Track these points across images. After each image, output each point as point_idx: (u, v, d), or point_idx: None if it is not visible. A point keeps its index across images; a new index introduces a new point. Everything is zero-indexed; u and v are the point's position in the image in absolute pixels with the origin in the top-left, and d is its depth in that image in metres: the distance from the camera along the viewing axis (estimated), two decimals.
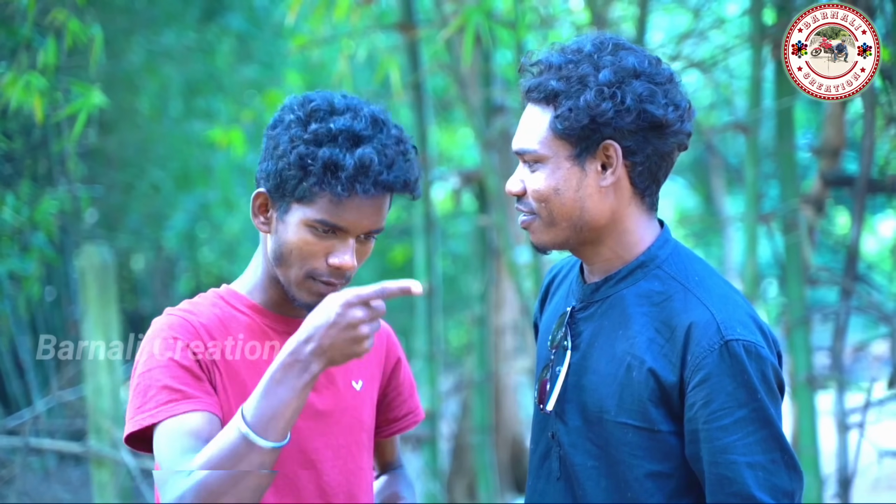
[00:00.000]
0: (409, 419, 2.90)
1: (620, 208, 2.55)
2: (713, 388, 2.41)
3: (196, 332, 2.55)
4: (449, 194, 9.12)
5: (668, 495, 2.48)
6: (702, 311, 2.46)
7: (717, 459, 2.41)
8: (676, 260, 2.57)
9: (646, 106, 2.48)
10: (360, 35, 6.32)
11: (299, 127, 2.51)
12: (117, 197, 10.47)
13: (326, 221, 2.50)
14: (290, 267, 2.54)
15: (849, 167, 5.99)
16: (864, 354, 5.87)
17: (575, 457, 2.55)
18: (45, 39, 5.20)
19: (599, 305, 2.58)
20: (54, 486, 7.82)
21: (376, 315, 2.31)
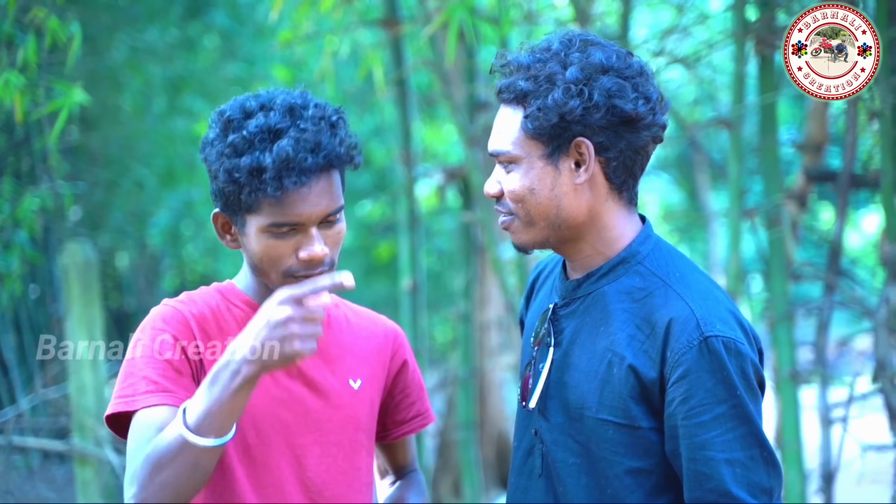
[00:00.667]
0: (417, 421, 2.89)
1: (597, 205, 2.55)
2: (692, 384, 2.41)
3: (187, 324, 2.57)
4: (433, 191, 9.13)
5: (648, 492, 2.49)
6: (682, 307, 2.46)
7: (695, 456, 2.41)
8: (658, 256, 2.57)
9: (615, 101, 2.49)
10: (343, 31, 6.30)
11: (221, 142, 2.51)
12: (101, 194, 10.43)
13: (277, 223, 2.50)
14: (268, 274, 2.55)
15: (832, 162, 6.00)
16: (848, 349, 5.88)
17: (556, 453, 2.56)
18: (26, 37, 5.18)
19: (581, 302, 2.59)
20: (38, 485, 7.79)
21: (309, 314, 2.28)
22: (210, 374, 2.33)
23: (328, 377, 2.68)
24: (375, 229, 12.36)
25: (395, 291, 8.71)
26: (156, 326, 2.56)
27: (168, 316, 2.58)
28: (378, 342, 2.81)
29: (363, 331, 2.80)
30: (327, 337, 2.70)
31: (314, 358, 2.66)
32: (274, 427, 2.60)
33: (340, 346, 2.72)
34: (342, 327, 2.76)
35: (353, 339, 2.76)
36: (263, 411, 2.59)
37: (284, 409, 2.62)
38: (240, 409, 2.33)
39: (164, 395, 2.48)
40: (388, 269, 12.42)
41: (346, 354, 2.73)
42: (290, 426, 2.62)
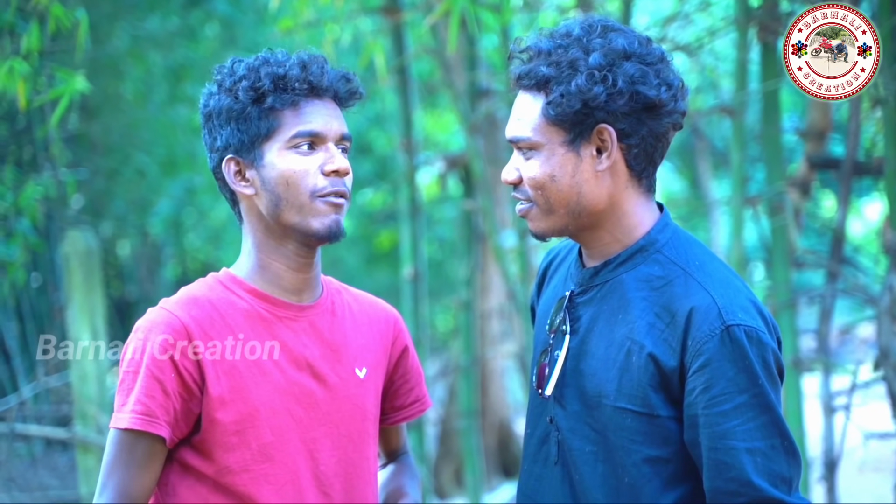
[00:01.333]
0: (415, 407, 2.88)
1: (618, 192, 2.54)
2: (714, 373, 2.40)
3: (185, 334, 2.53)
4: (434, 179, 9.13)
5: (666, 480, 2.48)
6: (703, 296, 2.45)
7: (716, 445, 2.40)
8: (676, 244, 2.56)
9: (638, 87, 2.47)
10: (344, 19, 6.29)
11: (229, 81, 2.58)
12: (102, 183, 10.43)
13: (302, 132, 2.54)
14: (295, 199, 2.54)
15: (835, 150, 5.99)
16: (850, 337, 5.89)
17: (573, 441, 2.54)
18: (29, 25, 5.17)
19: (599, 290, 2.57)
20: (41, 472, 7.80)
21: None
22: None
23: (335, 367, 2.66)
24: (377, 217, 12.36)
25: (396, 280, 8.71)
26: (152, 340, 2.52)
27: (168, 327, 2.54)
28: (380, 328, 2.79)
29: (365, 317, 2.77)
30: (332, 325, 2.68)
31: (321, 347, 2.65)
32: (287, 423, 2.58)
33: (345, 335, 2.70)
34: (345, 315, 2.73)
35: (356, 326, 2.74)
36: (277, 407, 2.57)
37: (295, 403, 2.59)
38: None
39: (147, 420, 2.50)
40: (389, 258, 12.43)
41: (351, 343, 2.71)
42: (303, 421, 2.60)
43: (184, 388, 2.52)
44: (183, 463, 2.57)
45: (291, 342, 2.61)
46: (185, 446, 2.57)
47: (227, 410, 2.53)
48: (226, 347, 2.56)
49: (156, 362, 2.51)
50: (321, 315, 2.67)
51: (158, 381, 2.50)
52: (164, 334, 2.52)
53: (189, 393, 2.52)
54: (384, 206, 11.99)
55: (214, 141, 2.59)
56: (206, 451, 2.55)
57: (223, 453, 2.54)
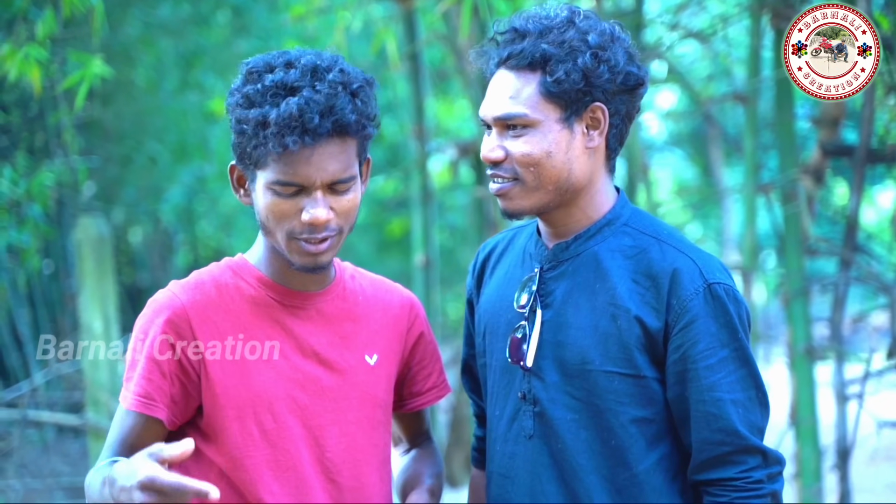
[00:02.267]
0: (433, 393, 2.87)
1: (596, 170, 2.61)
2: (699, 329, 2.50)
3: (187, 321, 2.55)
4: (446, 166, 9.12)
5: (650, 440, 2.56)
6: (683, 259, 2.54)
7: (703, 397, 2.51)
8: (640, 217, 2.65)
9: (629, 68, 2.56)
10: (356, 5, 6.28)
11: (238, 92, 2.52)
12: (114, 170, 10.45)
13: (280, 181, 2.47)
14: (274, 232, 2.54)
15: (848, 137, 5.97)
16: (864, 325, 5.87)
17: (554, 411, 2.58)
18: (41, 11, 5.18)
19: (570, 263, 2.62)
20: (53, 459, 7.83)
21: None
22: None
23: (343, 354, 2.65)
24: (388, 205, 12.36)
25: (407, 267, 8.71)
26: (157, 321, 2.55)
27: (170, 310, 2.55)
28: (394, 313, 2.78)
29: (379, 302, 2.76)
30: (342, 311, 2.68)
31: (328, 335, 2.65)
32: (291, 409, 2.58)
33: (355, 321, 2.70)
34: (357, 300, 2.72)
35: (368, 311, 2.73)
36: (279, 394, 2.57)
37: (300, 391, 2.60)
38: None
39: (145, 403, 2.53)
40: (400, 245, 12.43)
41: (362, 329, 2.70)
42: (307, 408, 2.60)
43: (181, 372, 2.54)
44: (195, 447, 2.57)
45: (297, 329, 2.62)
46: (193, 429, 2.59)
47: (227, 396, 2.55)
48: (226, 333, 2.57)
49: (156, 345, 2.53)
50: (330, 301, 2.67)
51: (157, 364, 2.53)
52: (166, 317, 2.54)
53: (186, 376, 2.55)
54: (396, 194, 11.98)
55: (231, 136, 2.57)
56: (211, 436, 2.57)
57: (225, 437, 2.56)
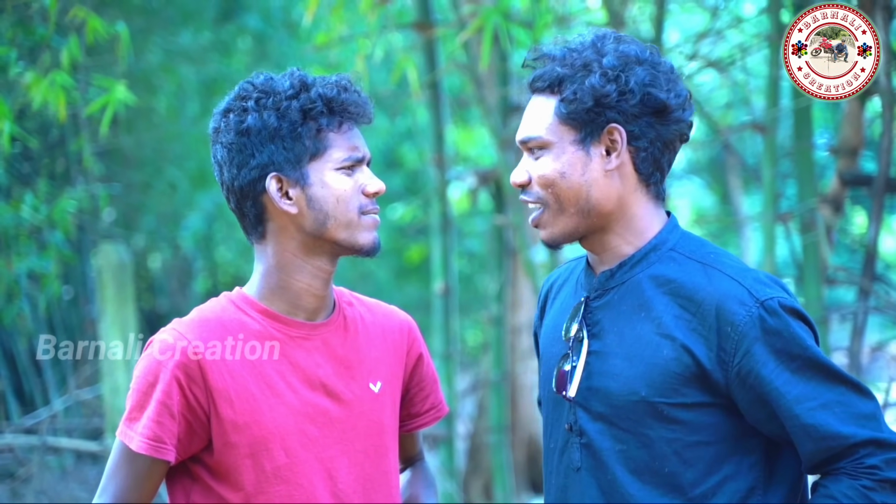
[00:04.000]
0: (431, 414, 2.88)
1: (626, 194, 2.59)
2: (764, 349, 2.46)
3: (196, 359, 2.55)
4: (465, 193, 9.13)
5: (709, 462, 2.52)
6: (728, 283, 2.51)
7: (794, 412, 2.46)
8: (688, 242, 2.62)
9: (649, 90, 2.54)
10: (377, 34, 6.32)
11: (271, 100, 2.59)
12: (134, 196, 10.48)
13: (352, 157, 2.59)
14: (344, 216, 2.59)
15: (867, 166, 5.97)
16: (882, 354, 5.84)
17: (602, 443, 2.56)
18: (64, 39, 5.22)
19: (616, 291, 2.61)
20: (71, 485, 7.83)
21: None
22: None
23: (349, 384, 2.66)
24: (407, 232, 12.36)
25: (426, 294, 8.73)
26: (165, 362, 2.55)
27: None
28: (394, 338, 2.80)
29: (378, 328, 2.78)
30: (345, 341, 2.69)
31: (334, 365, 2.65)
32: (302, 444, 2.60)
33: (358, 350, 2.71)
34: (358, 328, 2.74)
35: (369, 339, 2.74)
36: (290, 429, 2.58)
37: (310, 424, 2.61)
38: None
39: (154, 446, 2.54)
40: (419, 272, 12.43)
41: (365, 357, 2.71)
42: (318, 440, 2.61)
43: (190, 413, 2.55)
44: (205, 485, 2.60)
45: (304, 362, 2.63)
46: (201, 466, 2.59)
47: (240, 434, 2.55)
48: (234, 370, 2.57)
49: (165, 387, 2.54)
50: (333, 332, 2.68)
51: (167, 407, 2.54)
52: (175, 359, 2.54)
53: (195, 417, 2.55)
54: (415, 221, 11.99)
55: (249, 158, 2.59)
56: (222, 473, 2.57)
57: (238, 476, 2.57)
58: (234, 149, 2.61)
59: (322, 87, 2.61)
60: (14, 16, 5.67)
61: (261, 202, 2.62)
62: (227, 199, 2.69)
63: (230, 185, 2.64)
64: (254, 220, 2.65)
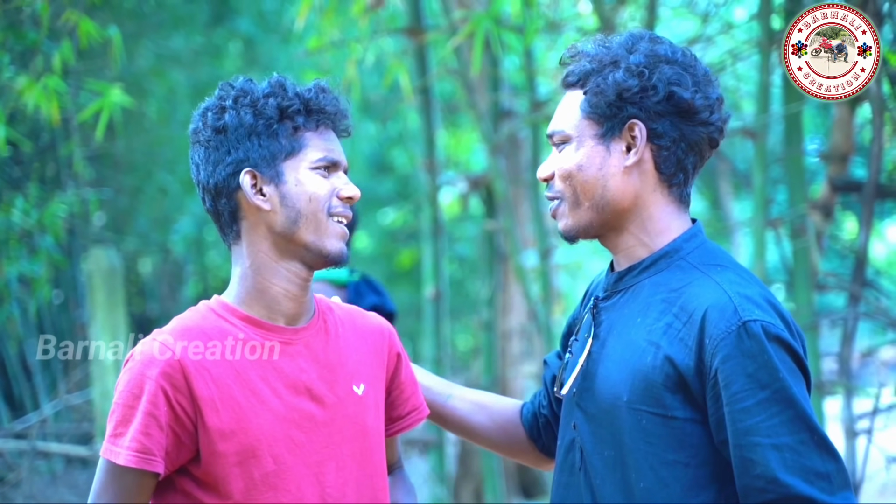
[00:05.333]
0: (412, 417, 2.86)
1: (644, 193, 2.56)
2: (733, 370, 2.37)
3: (180, 368, 2.52)
4: (456, 198, 9.13)
5: (686, 486, 2.44)
6: (719, 294, 2.43)
7: (740, 442, 2.37)
8: (702, 252, 2.56)
9: (673, 88, 2.51)
10: (368, 39, 6.32)
11: (248, 98, 2.60)
12: (125, 200, 10.48)
13: (327, 158, 2.60)
14: (314, 215, 2.58)
15: (857, 172, 5.98)
16: (872, 360, 5.86)
17: (594, 445, 2.55)
18: (55, 44, 5.21)
19: (622, 295, 2.59)
20: (61, 490, 7.82)
21: None
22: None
23: (333, 387, 2.65)
24: (398, 237, 12.38)
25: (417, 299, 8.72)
26: (149, 373, 2.51)
27: (163, 362, 2.52)
28: (374, 340, 2.78)
29: (357, 331, 2.77)
30: (326, 344, 2.68)
31: (318, 369, 2.65)
32: (290, 449, 2.58)
33: (340, 353, 2.69)
34: (338, 332, 2.72)
35: (350, 342, 2.73)
36: (278, 435, 2.57)
37: (296, 429, 2.59)
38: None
39: (143, 459, 2.50)
40: (410, 277, 12.43)
41: (347, 360, 2.70)
42: (305, 445, 2.59)
43: (177, 423, 2.52)
44: (188, 494, 2.57)
45: (287, 367, 2.61)
46: (188, 477, 2.57)
47: (227, 442, 2.53)
48: (219, 378, 2.55)
49: (151, 398, 2.50)
50: (315, 336, 2.67)
51: (154, 418, 2.50)
52: (159, 369, 2.51)
53: (182, 427, 2.52)
54: (405, 226, 12.01)
55: (225, 155, 2.59)
56: (210, 483, 2.55)
57: (225, 485, 2.53)
58: (211, 146, 2.61)
59: (300, 88, 2.63)
60: (5, 20, 5.66)
61: (235, 199, 2.61)
62: (202, 201, 2.66)
63: (206, 183, 2.63)
64: (228, 219, 2.63)
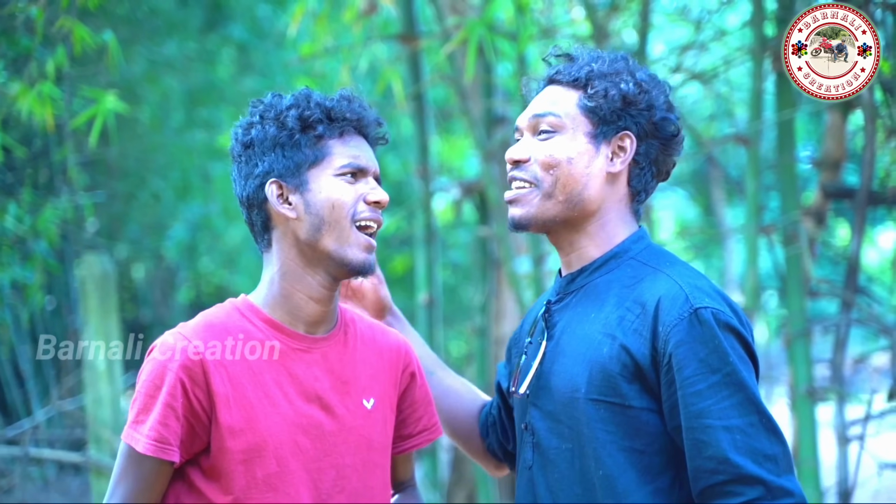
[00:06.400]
0: (423, 436, 2.89)
1: (611, 202, 2.65)
2: (686, 355, 2.46)
3: (200, 362, 2.57)
4: (450, 205, 9.13)
5: (641, 472, 2.52)
6: (671, 285, 2.53)
7: (692, 424, 2.45)
8: (650, 252, 2.66)
9: (668, 115, 2.63)
10: (362, 45, 6.33)
11: (273, 112, 2.67)
12: (118, 206, 10.47)
13: (352, 164, 2.65)
14: (338, 223, 2.62)
15: (849, 179, 6.00)
16: (865, 367, 5.86)
17: (550, 440, 2.61)
18: (49, 50, 5.21)
19: (574, 295, 2.66)
20: (54, 496, 7.81)
21: None
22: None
23: (343, 398, 2.69)
24: (391, 242, 12.36)
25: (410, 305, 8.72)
26: (170, 366, 2.57)
27: (183, 355, 2.58)
28: (390, 357, 2.82)
29: (376, 346, 2.81)
30: (343, 356, 2.72)
31: (331, 379, 2.67)
32: (293, 454, 2.62)
33: (355, 366, 2.73)
34: (357, 345, 2.77)
35: (366, 356, 2.77)
36: (284, 439, 2.61)
37: (303, 435, 2.63)
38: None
39: (161, 448, 2.56)
40: (403, 283, 12.42)
41: (361, 374, 2.74)
42: (308, 451, 2.63)
43: (192, 415, 2.58)
44: (192, 485, 2.62)
45: (302, 374, 2.65)
46: (195, 468, 2.62)
47: (236, 440, 2.57)
48: (236, 377, 2.59)
49: (171, 389, 2.56)
50: (333, 347, 2.71)
51: (172, 409, 2.56)
52: (180, 361, 2.57)
53: (197, 419, 2.58)
54: (399, 232, 12.00)
55: (254, 168, 2.66)
56: (214, 476, 2.60)
57: (228, 480, 2.59)
58: (242, 161, 2.69)
59: (323, 98, 2.68)
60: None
61: (265, 210, 2.67)
62: (243, 213, 2.74)
63: (241, 196, 2.71)
64: (261, 229, 2.70)
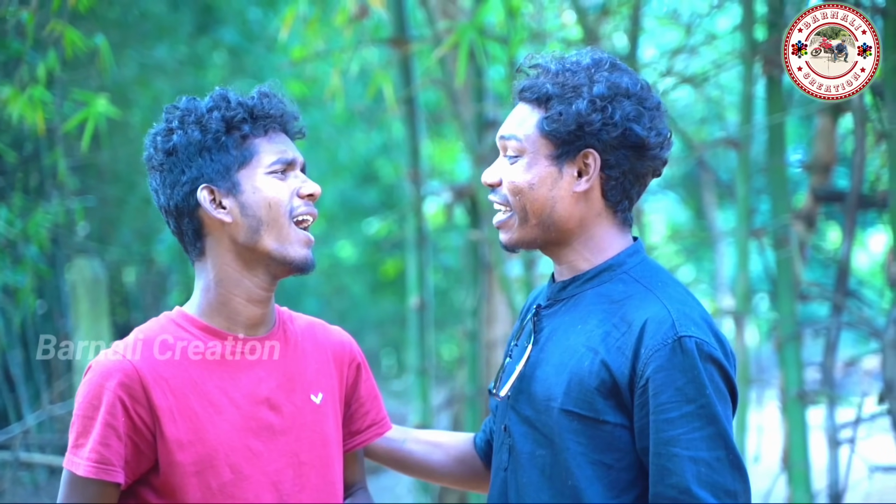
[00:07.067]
0: (371, 431, 2.87)
1: (590, 217, 2.65)
2: (663, 381, 2.46)
3: (138, 378, 2.54)
4: (441, 208, 9.14)
5: (608, 486, 2.52)
6: (659, 308, 2.53)
7: (660, 451, 2.47)
8: (643, 267, 2.66)
9: (632, 125, 2.59)
10: (353, 49, 6.33)
11: (193, 116, 2.62)
12: (109, 210, 10.45)
13: (281, 160, 2.61)
14: (276, 221, 2.59)
15: (840, 183, 6.01)
16: (855, 370, 5.88)
17: (524, 445, 2.62)
18: (39, 54, 5.20)
19: (564, 304, 2.67)
20: (44, 500, 7.80)
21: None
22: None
23: (291, 396, 2.66)
24: (383, 246, 12.38)
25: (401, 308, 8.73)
26: (107, 385, 2.53)
27: (121, 373, 2.54)
28: (334, 351, 2.80)
29: (318, 341, 2.79)
30: (286, 354, 2.69)
31: (277, 377, 2.66)
32: (247, 459, 2.59)
33: (298, 362, 2.71)
34: (298, 341, 2.74)
35: (309, 351, 2.75)
36: (235, 445, 2.58)
37: (254, 438, 2.60)
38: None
39: (103, 469, 2.52)
40: (394, 286, 12.44)
41: (305, 369, 2.71)
42: (262, 454, 2.60)
43: (135, 433, 2.53)
44: (145, 503, 2.58)
45: (246, 377, 2.63)
46: (146, 487, 2.58)
47: (185, 452, 2.54)
48: (177, 389, 2.56)
49: (110, 408, 2.52)
50: (274, 346, 2.69)
51: (113, 428, 2.52)
52: (118, 380, 2.53)
53: (140, 437, 2.54)
54: (390, 235, 12.01)
55: (180, 175, 2.60)
56: (167, 493, 2.56)
57: (183, 494, 2.55)
58: (165, 169, 2.62)
59: (243, 97, 2.65)
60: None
61: (197, 217, 2.63)
62: (167, 224, 2.68)
63: (167, 206, 2.64)
64: (192, 238, 2.65)
